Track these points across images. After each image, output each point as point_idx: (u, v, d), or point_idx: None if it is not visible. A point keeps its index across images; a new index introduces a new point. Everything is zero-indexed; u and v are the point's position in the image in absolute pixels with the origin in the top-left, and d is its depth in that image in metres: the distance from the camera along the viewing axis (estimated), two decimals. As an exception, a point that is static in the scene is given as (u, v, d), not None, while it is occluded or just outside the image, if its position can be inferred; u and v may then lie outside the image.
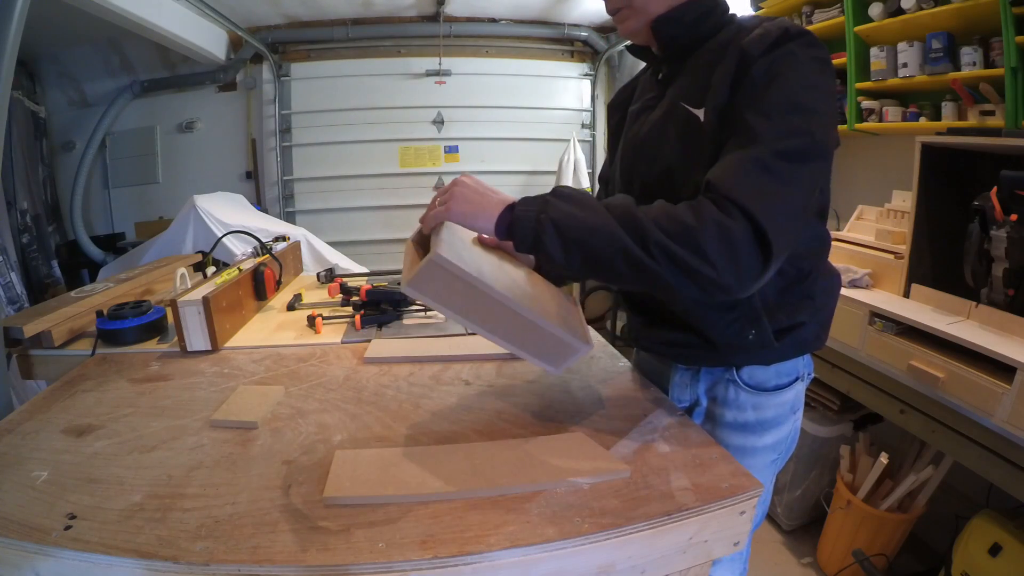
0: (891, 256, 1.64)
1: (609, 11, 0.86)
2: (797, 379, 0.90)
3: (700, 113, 0.77)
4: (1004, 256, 1.28)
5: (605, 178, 1.09)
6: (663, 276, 0.66)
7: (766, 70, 0.71)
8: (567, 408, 0.88)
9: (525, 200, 0.72)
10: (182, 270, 1.32)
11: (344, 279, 1.66)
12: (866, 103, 1.96)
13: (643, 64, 0.97)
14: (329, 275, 1.74)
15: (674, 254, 0.64)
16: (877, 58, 1.88)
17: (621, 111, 1.01)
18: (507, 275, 0.76)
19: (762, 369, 0.88)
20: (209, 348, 1.15)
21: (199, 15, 3.27)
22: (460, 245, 0.74)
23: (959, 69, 1.62)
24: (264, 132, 4.01)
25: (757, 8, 2.42)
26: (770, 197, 0.65)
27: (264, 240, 1.69)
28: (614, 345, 1.20)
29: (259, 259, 1.54)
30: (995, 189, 1.29)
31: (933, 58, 1.69)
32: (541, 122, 4.25)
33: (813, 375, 0.95)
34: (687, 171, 0.78)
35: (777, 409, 0.90)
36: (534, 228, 0.69)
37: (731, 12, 0.85)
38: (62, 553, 0.58)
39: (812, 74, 0.71)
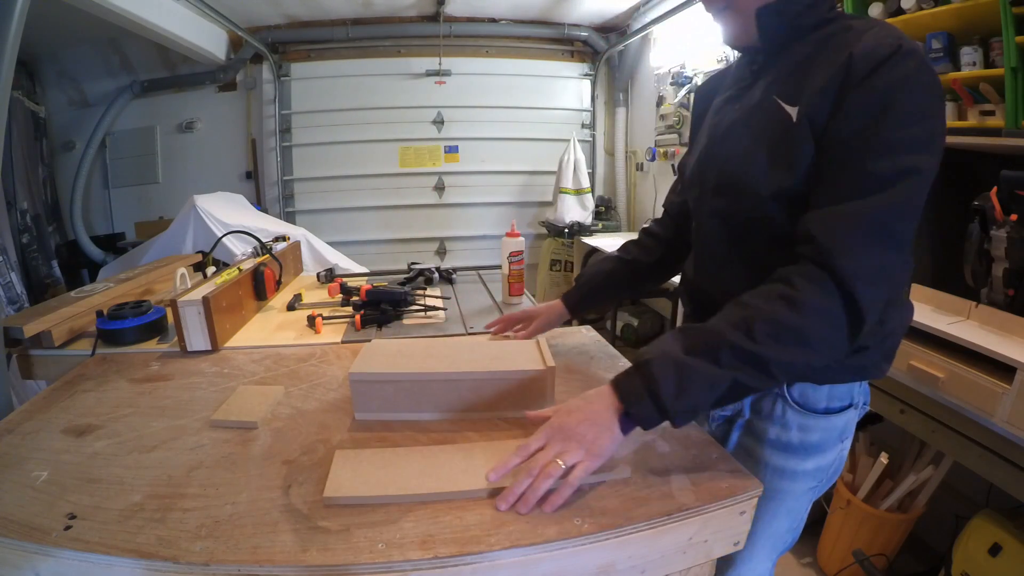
0: (891, 256, 1.64)
1: (708, 6, 0.82)
2: (851, 406, 0.83)
3: (794, 112, 0.72)
4: (1004, 256, 1.27)
5: (682, 166, 1.03)
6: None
7: (880, 94, 0.65)
8: (567, 408, 0.88)
9: (632, 401, 0.66)
10: (182, 270, 1.32)
11: (344, 279, 1.66)
12: (866, 103, 1.96)
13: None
14: (329, 275, 1.74)
15: (791, 364, 0.65)
16: (877, 58, 1.88)
17: (708, 100, 0.96)
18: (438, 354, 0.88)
19: (814, 388, 0.81)
20: (209, 348, 1.15)
21: (199, 15, 3.28)
22: (378, 359, 0.87)
23: (959, 69, 1.62)
24: (264, 132, 4.01)
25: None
26: (876, 269, 0.64)
27: (264, 240, 1.69)
28: (614, 345, 1.20)
29: (259, 259, 1.53)
30: (995, 189, 1.29)
31: (933, 58, 1.68)
32: (541, 122, 4.25)
33: (868, 407, 0.88)
34: (768, 171, 0.75)
35: (824, 433, 0.83)
36: (658, 420, 0.67)
37: (836, 8, 0.79)
38: (62, 553, 0.58)
39: (928, 102, 0.66)
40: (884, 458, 1.62)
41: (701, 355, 0.65)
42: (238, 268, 1.37)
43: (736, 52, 0.91)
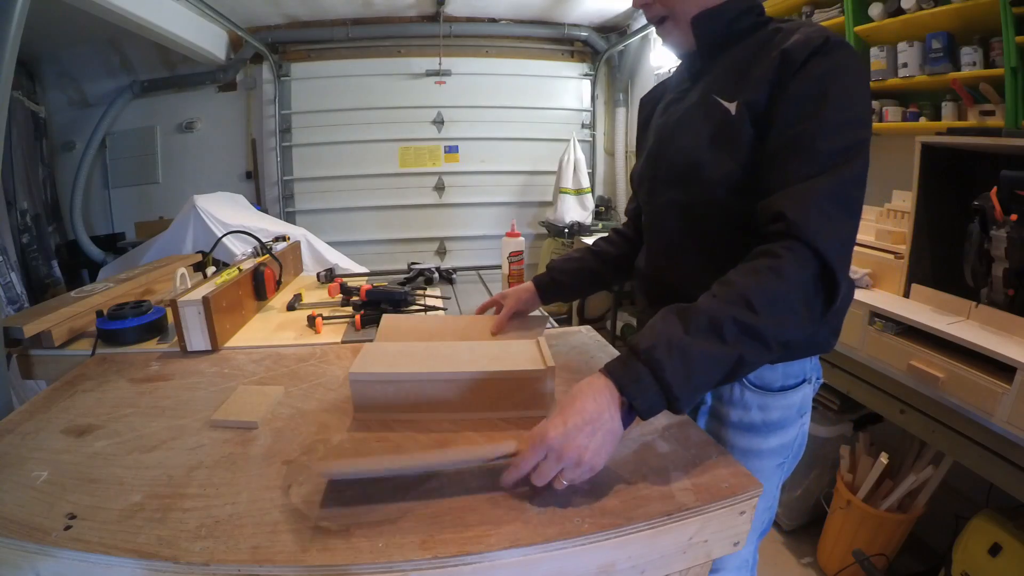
0: (891, 256, 1.64)
1: (649, 19, 0.89)
2: (804, 381, 0.89)
3: (732, 107, 0.78)
4: (1004, 256, 1.27)
5: (633, 173, 1.07)
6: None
7: (817, 80, 0.72)
8: (567, 408, 0.88)
9: (636, 392, 0.63)
10: (182, 270, 1.32)
11: (344, 279, 1.66)
12: (866, 103, 1.96)
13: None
14: (329, 275, 1.74)
15: (785, 333, 0.66)
16: (877, 58, 1.88)
17: (652, 106, 1.03)
18: (438, 353, 0.90)
19: (769, 369, 0.87)
20: (209, 348, 1.15)
21: (199, 15, 3.28)
22: (380, 359, 0.88)
23: (959, 69, 1.62)
24: (264, 132, 4.01)
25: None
26: (844, 238, 0.69)
27: (264, 240, 1.69)
28: (614, 345, 1.20)
29: (259, 259, 1.53)
30: (995, 189, 1.29)
31: (933, 58, 1.69)
32: (541, 122, 4.25)
33: (822, 380, 0.95)
34: (714, 159, 0.80)
35: (783, 411, 0.89)
36: (661, 408, 0.64)
37: (766, 15, 0.87)
38: (62, 553, 0.58)
39: (859, 85, 0.74)
40: (884, 458, 1.63)
41: (705, 334, 0.64)
42: (238, 268, 1.37)
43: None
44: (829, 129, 0.70)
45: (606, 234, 1.22)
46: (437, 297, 1.53)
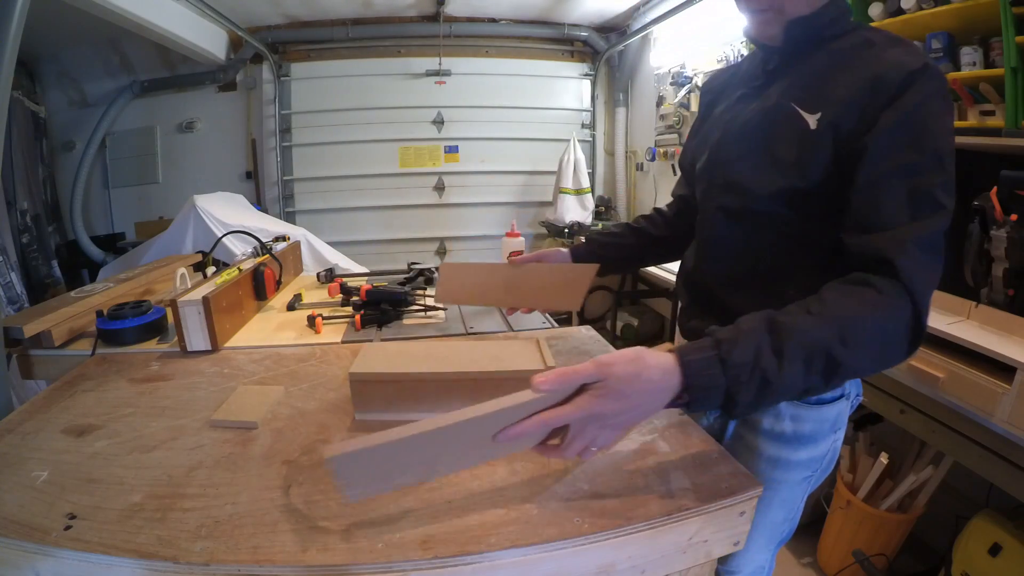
0: (891, 256, 1.64)
1: (753, 9, 0.80)
2: (842, 396, 0.85)
3: (812, 119, 0.74)
4: (1004, 256, 1.27)
5: (685, 155, 1.03)
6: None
7: (914, 112, 0.68)
8: (567, 408, 0.88)
9: (701, 397, 0.60)
10: (182, 270, 1.32)
11: (344, 279, 1.66)
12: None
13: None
14: (329, 275, 1.74)
15: (860, 369, 0.65)
16: (877, 58, 1.88)
17: (714, 94, 0.98)
18: (437, 355, 0.89)
19: None
20: (209, 348, 1.15)
21: (199, 15, 3.27)
22: (379, 358, 0.88)
23: (959, 69, 1.62)
24: (264, 132, 4.01)
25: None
26: (934, 284, 0.68)
27: (264, 240, 1.69)
28: (615, 345, 1.20)
29: (259, 259, 1.53)
30: (995, 189, 1.29)
31: (933, 58, 1.68)
32: (541, 122, 4.25)
33: (861, 397, 0.91)
34: (780, 171, 0.76)
35: (816, 424, 0.84)
36: (712, 412, 0.65)
37: (852, 19, 0.82)
38: (62, 553, 0.58)
39: (950, 117, 0.71)
40: (884, 458, 1.63)
41: (792, 362, 0.60)
42: (238, 268, 1.37)
43: (746, 45, 0.92)
44: (927, 167, 0.67)
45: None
46: (437, 297, 1.53)
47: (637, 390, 0.58)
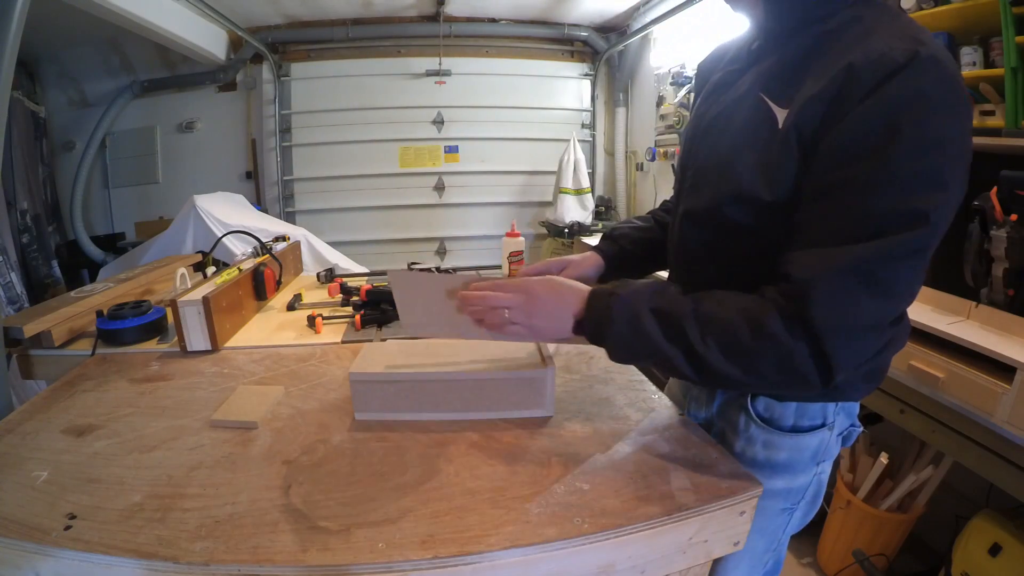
0: (891, 256, 1.64)
1: None
2: (823, 426, 0.76)
3: (781, 115, 0.63)
4: (1004, 256, 1.27)
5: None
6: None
7: (888, 110, 0.54)
8: (568, 407, 0.88)
9: (590, 322, 0.69)
10: (182, 270, 1.32)
11: (344, 279, 1.66)
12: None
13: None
14: (329, 275, 1.74)
15: (726, 379, 0.63)
16: (877, 58, 1.88)
17: (706, 78, 0.86)
18: (443, 348, 0.91)
19: (780, 404, 0.75)
20: (209, 348, 1.15)
21: (199, 15, 3.28)
22: (381, 357, 0.89)
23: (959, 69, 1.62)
24: (264, 132, 4.01)
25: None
26: (860, 324, 0.57)
27: (264, 240, 1.69)
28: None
29: (259, 259, 1.53)
30: (995, 189, 1.29)
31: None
32: (541, 122, 4.25)
33: (860, 429, 0.80)
34: (744, 179, 0.66)
35: (792, 453, 0.76)
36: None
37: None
38: (62, 553, 0.58)
39: (949, 124, 0.55)
40: (884, 458, 1.62)
41: (660, 321, 0.65)
42: (238, 268, 1.38)
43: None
44: (888, 184, 0.54)
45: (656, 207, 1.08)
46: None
47: (554, 295, 0.73)
